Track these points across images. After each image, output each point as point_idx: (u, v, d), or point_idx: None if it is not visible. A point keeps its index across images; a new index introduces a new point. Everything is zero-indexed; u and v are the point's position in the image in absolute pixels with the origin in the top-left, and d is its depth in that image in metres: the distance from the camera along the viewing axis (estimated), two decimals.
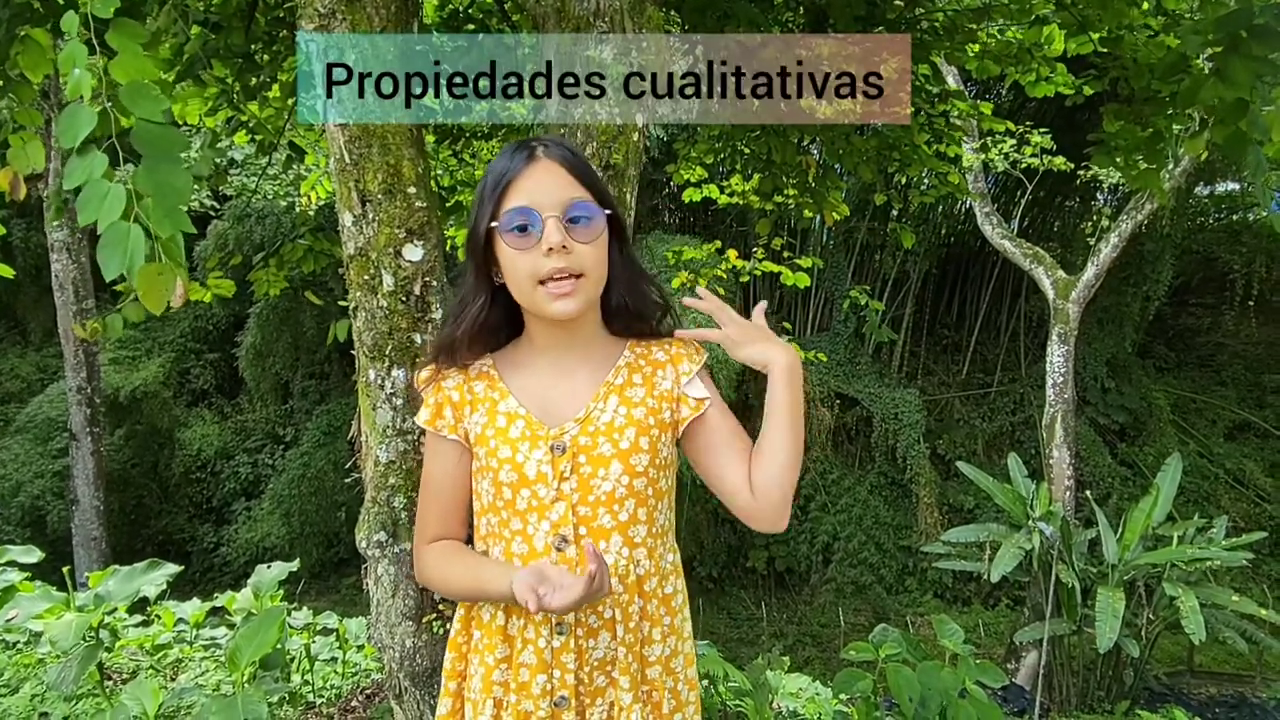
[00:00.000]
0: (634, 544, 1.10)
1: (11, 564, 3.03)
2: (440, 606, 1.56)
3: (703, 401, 1.15)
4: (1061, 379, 8.03)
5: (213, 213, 10.64)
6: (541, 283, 1.04)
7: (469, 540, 1.21)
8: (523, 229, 1.03)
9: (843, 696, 3.09)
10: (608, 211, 1.07)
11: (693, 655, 1.18)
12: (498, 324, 1.15)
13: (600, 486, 1.07)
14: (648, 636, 1.11)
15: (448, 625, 1.55)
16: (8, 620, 2.46)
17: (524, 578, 0.98)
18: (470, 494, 1.16)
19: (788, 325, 9.44)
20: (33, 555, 2.99)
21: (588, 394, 1.11)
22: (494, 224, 1.05)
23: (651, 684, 1.11)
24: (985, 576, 6.67)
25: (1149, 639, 6.46)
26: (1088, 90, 2.97)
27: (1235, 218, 13.34)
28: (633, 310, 1.15)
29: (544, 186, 1.03)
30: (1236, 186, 12.54)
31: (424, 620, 1.54)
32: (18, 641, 3.08)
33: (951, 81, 7.36)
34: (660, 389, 1.14)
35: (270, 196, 9.40)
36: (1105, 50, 2.53)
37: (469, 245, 1.10)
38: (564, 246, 1.02)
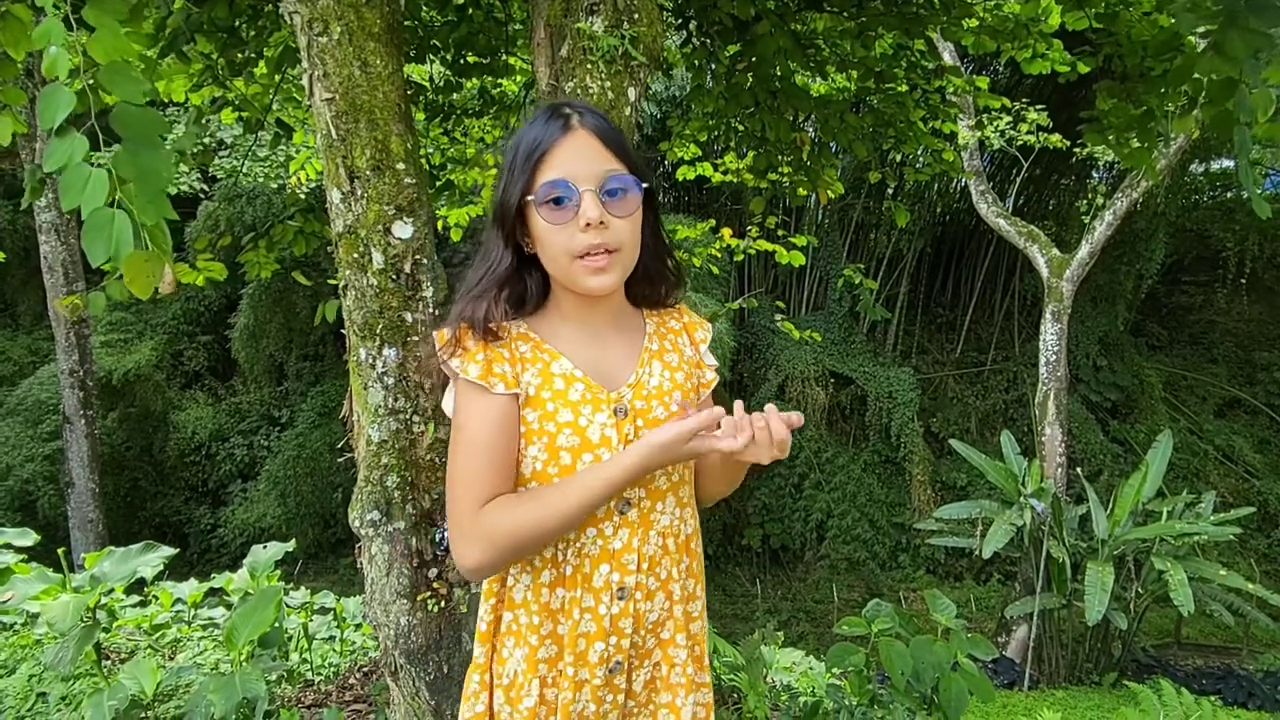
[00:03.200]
0: (683, 504, 1.13)
1: (7, 546, 3.04)
2: (434, 585, 1.57)
3: (715, 369, 1.21)
4: (1054, 357, 8.07)
5: (203, 194, 10.53)
6: (578, 257, 1.02)
7: None
8: (558, 201, 1.00)
9: (836, 670, 3.13)
10: (644, 185, 1.05)
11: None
12: (524, 292, 1.11)
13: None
14: (692, 594, 1.14)
15: (442, 603, 1.56)
16: (3, 602, 2.46)
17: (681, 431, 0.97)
18: (518, 453, 1.07)
19: (781, 304, 9.43)
20: (28, 538, 2.98)
21: (632, 360, 1.11)
22: (529, 197, 1.02)
23: (695, 639, 1.14)
24: (977, 552, 6.75)
25: (1137, 613, 6.56)
26: (1082, 68, 2.94)
27: (1229, 195, 13.35)
28: (653, 282, 1.15)
29: (580, 158, 1.00)
30: (1231, 164, 12.53)
31: (418, 598, 1.55)
32: (14, 623, 3.09)
33: (947, 58, 7.31)
34: (686, 355, 1.17)
35: (261, 179, 9.30)
36: (1100, 26, 2.51)
37: (497, 214, 1.07)
38: (601, 222, 1.00)
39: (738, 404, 1.00)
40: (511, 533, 1.01)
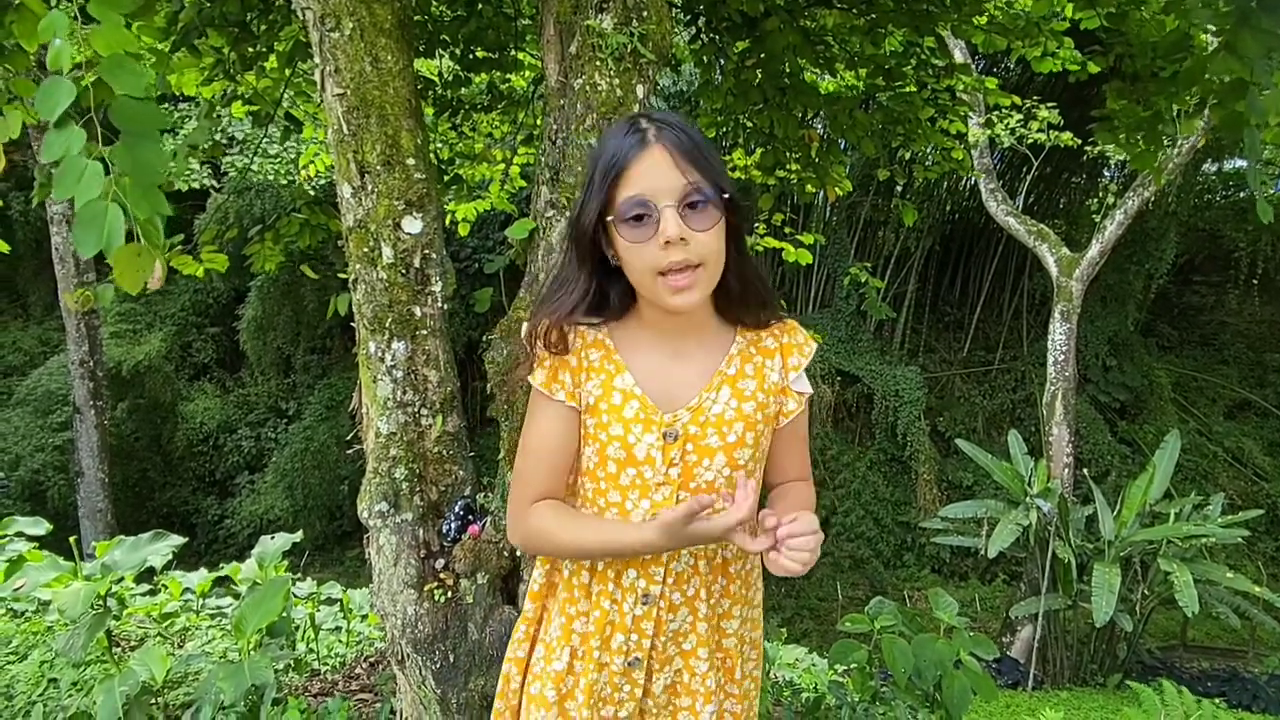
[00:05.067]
0: None
1: (19, 535, 3.07)
2: (441, 575, 1.58)
3: (803, 397, 1.15)
4: (1063, 357, 8.03)
5: (214, 189, 10.58)
6: (661, 274, 1.01)
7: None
8: (638, 219, 1.00)
9: (839, 667, 3.14)
10: (725, 195, 1.02)
11: (760, 620, 1.25)
12: (605, 302, 1.12)
13: (702, 475, 1.08)
14: (727, 613, 1.16)
15: (449, 593, 1.58)
16: (16, 589, 2.49)
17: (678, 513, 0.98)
18: (574, 460, 1.15)
19: (783, 303, 9.42)
20: (40, 527, 3.02)
21: (701, 381, 1.10)
22: (610, 217, 1.02)
23: (727, 653, 1.18)
24: (982, 552, 6.74)
25: (1143, 614, 6.54)
26: (1093, 67, 2.93)
27: (1242, 195, 13.23)
28: (739, 299, 1.11)
29: (659, 173, 0.99)
30: (1244, 164, 12.42)
31: (425, 589, 1.57)
32: (26, 610, 3.13)
33: (958, 55, 7.27)
34: (769, 381, 1.12)
35: (271, 175, 9.34)
36: (1111, 26, 2.50)
37: (573, 232, 1.07)
38: (682, 239, 0.99)
39: (765, 514, 0.99)
40: (544, 540, 1.12)
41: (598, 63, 1.48)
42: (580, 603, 1.14)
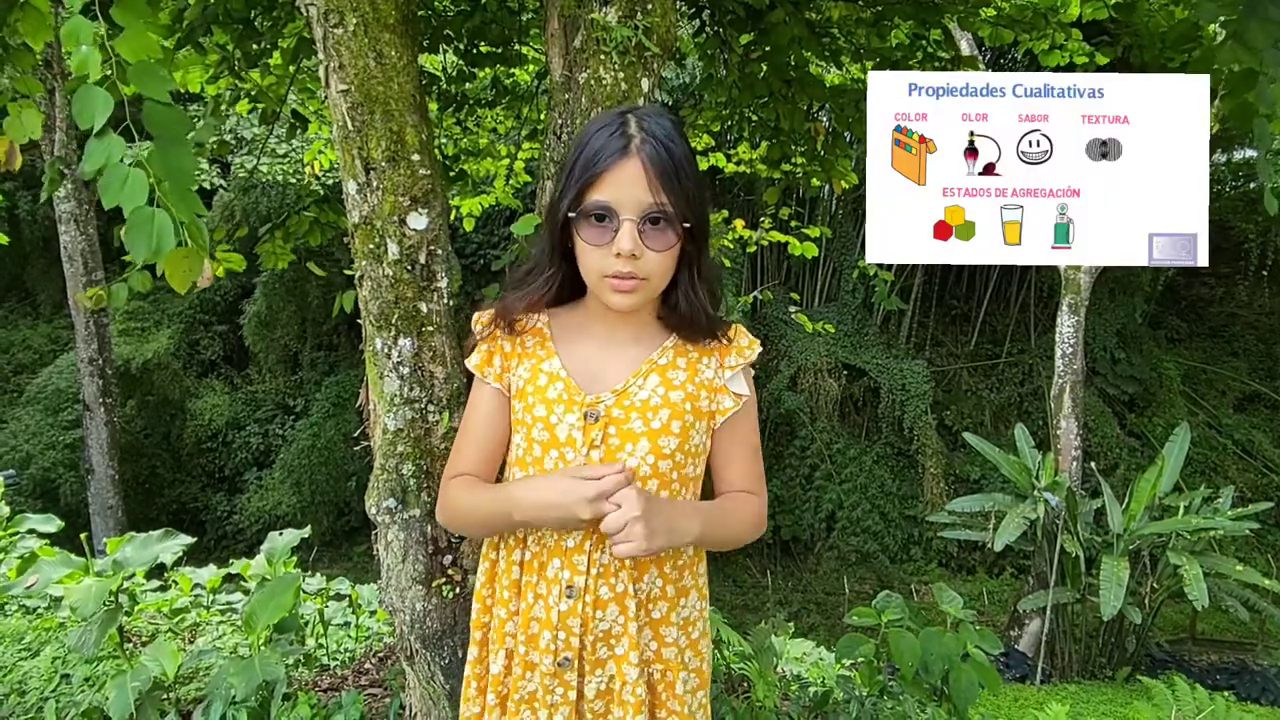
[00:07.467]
0: None
1: (31, 532, 3.10)
2: (449, 571, 1.59)
3: (741, 398, 1.16)
4: (1071, 349, 7.99)
5: (223, 189, 10.60)
6: (607, 276, 1.06)
7: None
8: (600, 220, 1.03)
9: (846, 661, 3.14)
10: (686, 224, 1.05)
11: (709, 633, 1.21)
12: (562, 286, 1.16)
13: (626, 461, 1.08)
14: (665, 618, 1.13)
15: (457, 589, 1.58)
16: (28, 586, 2.51)
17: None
18: (505, 444, 1.18)
19: (795, 296, 9.40)
20: (52, 524, 3.05)
21: (630, 368, 1.12)
22: (572, 214, 1.05)
23: (667, 663, 1.13)
24: (990, 546, 6.72)
25: (1152, 607, 6.52)
26: (1101, 59, 2.91)
27: (1252, 185, 13.11)
28: (685, 319, 1.14)
29: (630, 185, 1.02)
30: (1254, 154, 12.31)
31: (434, 584, 1.58)
32: (38, 606, 3.15)
33: (965, 48, 7.21)
34: (702, 376, 1.14)
35: (280, 176, 9.37)
36: (1118, 18, 2.48)
37: (548, 216, 1.12)
38: (634, 255, 1.02)
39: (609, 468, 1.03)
40: (455, 513, 1.17)
41: (602, 56, 1.47)
42: (511, 602, 1.13)
